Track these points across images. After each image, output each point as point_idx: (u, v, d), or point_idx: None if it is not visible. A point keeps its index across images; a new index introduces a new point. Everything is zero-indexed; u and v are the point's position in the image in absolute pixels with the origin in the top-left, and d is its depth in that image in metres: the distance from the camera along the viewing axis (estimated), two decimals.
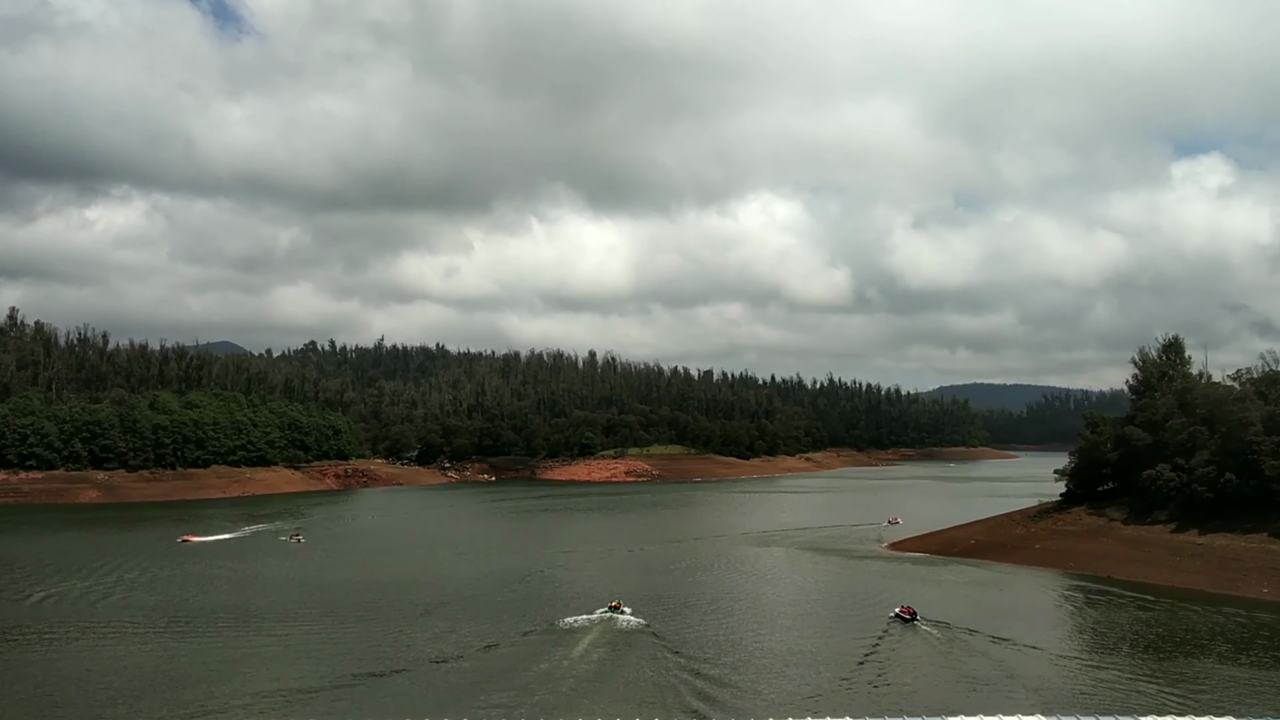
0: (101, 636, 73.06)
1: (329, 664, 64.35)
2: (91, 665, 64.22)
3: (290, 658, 66.57)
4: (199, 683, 59.04)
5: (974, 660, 65.93)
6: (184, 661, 65.08)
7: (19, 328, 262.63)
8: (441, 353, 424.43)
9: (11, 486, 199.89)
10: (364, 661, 65.19)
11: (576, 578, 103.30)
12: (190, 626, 76.14)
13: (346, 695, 57.11)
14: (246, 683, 59.08)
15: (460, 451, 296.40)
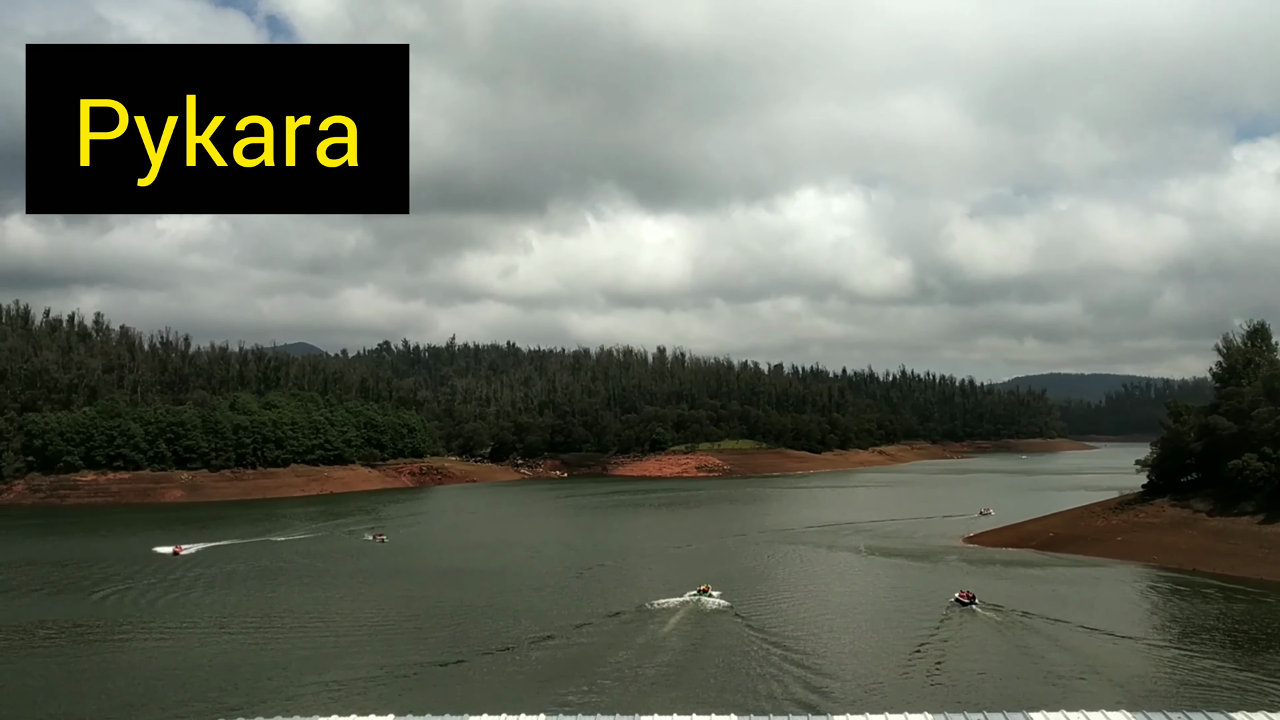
0: (188, 633, 75.33)
1: (430, 649, 66.46)
2: (174, 661, 66.26)
3: (386, 646, 68.21)
4: (284, 672, 60.68)
5: (1042, 646, 65.50)
6: (274, 657, 66.88)
7: (104, 332, 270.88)
8: (512, 350, 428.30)
9: (101, 487, 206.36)
10: (466, 644, 67.96)
11: (655, 568, 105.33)
12: (279, 623, 78.14)
13: (454, 673, 59.78)
14: (336, 671, 60.57)
15: (532, 448, 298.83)
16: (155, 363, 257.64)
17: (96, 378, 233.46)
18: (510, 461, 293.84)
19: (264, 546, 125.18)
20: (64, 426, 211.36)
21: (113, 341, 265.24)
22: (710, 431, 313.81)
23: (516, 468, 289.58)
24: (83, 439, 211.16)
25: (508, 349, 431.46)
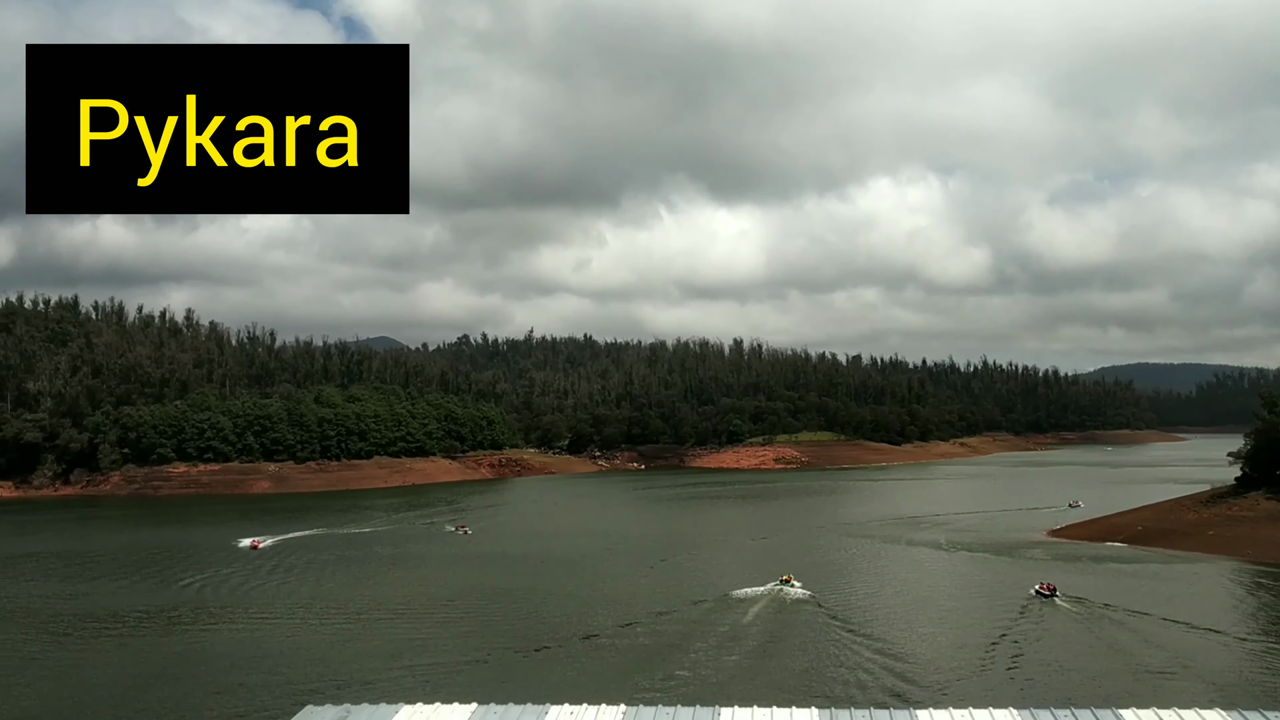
0: (273, 621, 77.30)
1: (510, 638, 67.52)
2: (258, 648, 68.04)
3: (466, 635, 69.36)
4: (366, 659, 62.00)
5: (1129, 640, 64.20)
6: (356, 646, 68.36)
7: (194, 328, 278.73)
8: (589, 343, 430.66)
9: (192, 478, 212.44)
10: (546, 633, 69.14)
11: (735, 559, 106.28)
12: (362, 612, 79.80)
13: (534, 662, 60.73)
14: (417, 659, 61.73)
15: (610, 440, 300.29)
16: (243, 357, 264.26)
17: (187, 372, 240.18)
18: (588, 454, 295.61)
19: (348, 537, 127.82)
20: (157, 420, 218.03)
21: (202, 337, 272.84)
22: (788, 423, 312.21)
23: (594, 460, 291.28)
24: (174, 432, 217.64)
25: (584, 341, 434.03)
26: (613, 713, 16.67)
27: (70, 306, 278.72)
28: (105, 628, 74.81)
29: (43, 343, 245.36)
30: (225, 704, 54.15)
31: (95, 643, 70.36)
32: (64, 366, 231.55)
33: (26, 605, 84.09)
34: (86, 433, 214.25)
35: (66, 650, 68.30)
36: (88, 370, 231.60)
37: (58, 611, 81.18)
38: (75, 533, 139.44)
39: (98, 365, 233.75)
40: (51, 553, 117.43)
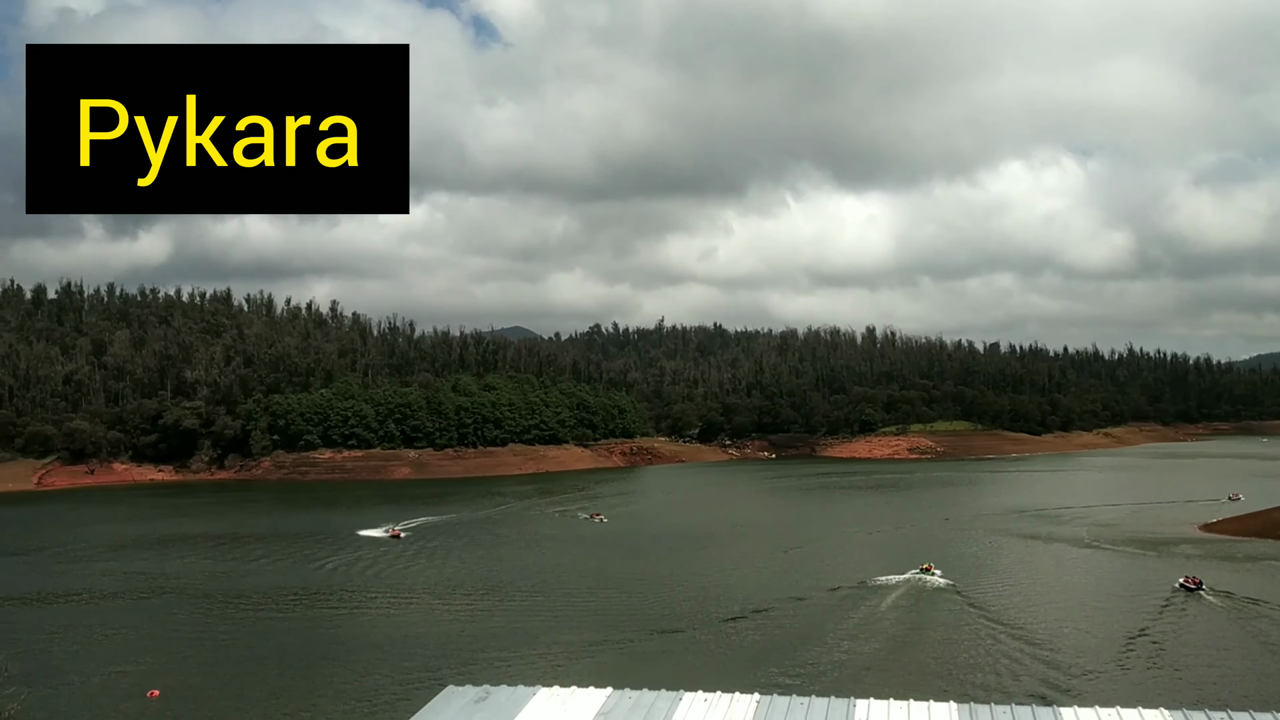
0: (410, 603, 79.93)
1: (643, 624, 68.69)
2: (396, 629, 70.44)
3: (600, 621, 70.56)
4: (500, 642, 63.62)
5: (1276, 635, 61.29)
6: (491, 629, 70.23)
7: (339, 319, 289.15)
8: (719, 331, 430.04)
9: (337, 464, 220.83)
10: (681, 619, 70.28)
11: (870, 547, 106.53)
12: (497, 596, 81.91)
13: (668, 648, 61.95)
14: (551, 643, 63.10)
15: (740, 429, 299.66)
16: (384, 347, 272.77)
17: (332, 361, 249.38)
18: (718, 442, 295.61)
19: (484, 522, 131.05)
20: (304, 407, 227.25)
21: (346, 327, 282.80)
22: (922, 413, 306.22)
23: (724, 448, 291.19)
24: (320, 419, 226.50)
25: (714, 330, 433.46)
26: (746, 702, 16.67)
27: (224, 299, 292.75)
28: (254, 607, 78.67)
29: (199, 334, 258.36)
30: (368, 682, 56.41)
31: (245, 620, 74.09)
32: (219, 356, 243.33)
33: (184, 584, 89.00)
34: (239, 420, 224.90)
35: (220, 627, 72.13)
36: (240, 360, 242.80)
37: (211, 590, 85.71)
38: (228, 516, 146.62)
39: (249, 355, 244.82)
40: (206, 534, 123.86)
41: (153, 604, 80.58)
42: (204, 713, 51.36)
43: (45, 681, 49.47)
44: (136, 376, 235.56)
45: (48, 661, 57.99)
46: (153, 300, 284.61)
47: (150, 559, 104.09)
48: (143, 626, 72.09)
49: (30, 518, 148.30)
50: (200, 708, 52.04)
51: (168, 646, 65.37)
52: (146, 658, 62.38)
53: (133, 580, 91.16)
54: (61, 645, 65.57)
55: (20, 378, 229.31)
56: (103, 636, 69.30)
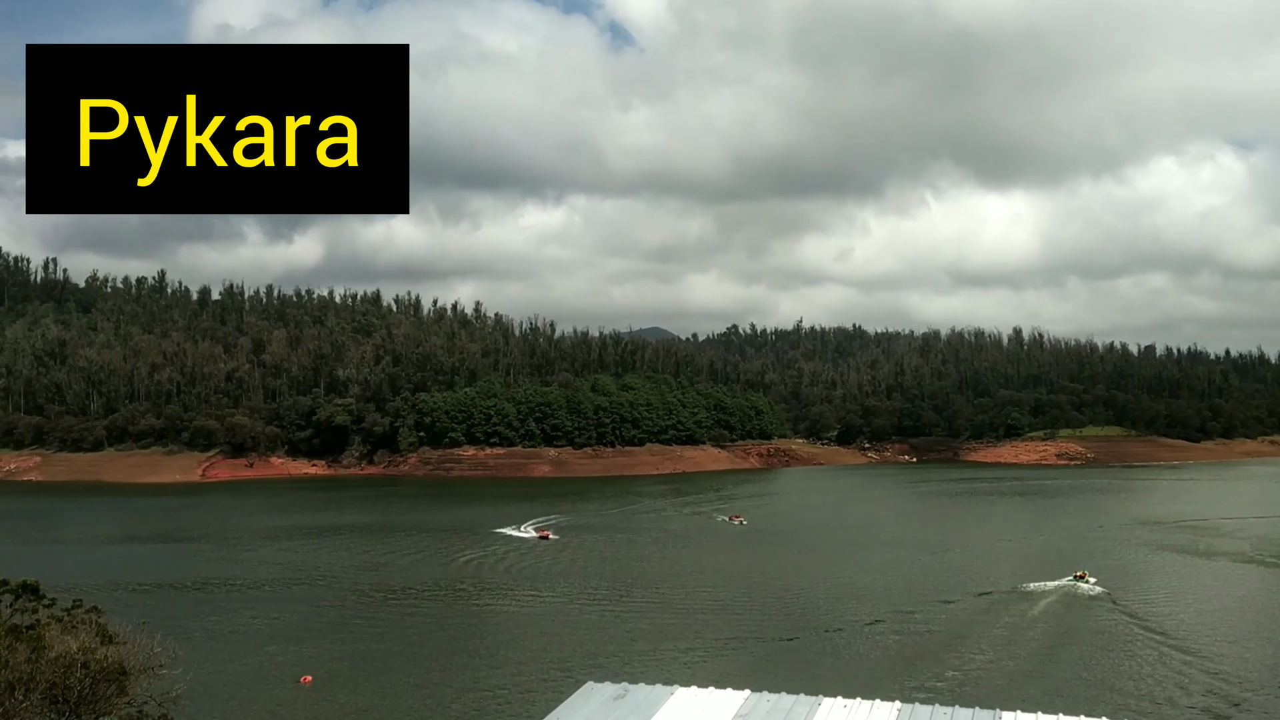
0: (546, 599, 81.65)
1: (780, 626, 68.74)
2: (531, 625, 72.07)
3: (736, 622, 70.93)
4: (633, 641, 64.57)
5: None
6: (625, 627, 71.26)
7: (482, 319, 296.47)
8: (859, 333, 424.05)
9: (480, 461, 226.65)
10: (820, 621, 70.62)
11: (1018, 554, 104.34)
12: (633, 594, 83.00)
13: (807, 650, 61.98)
14: (685, 642, 63.69)
15: (880, 432, 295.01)
16: (525, 347, 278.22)
17: (476, 361, 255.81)
18: (857, 445, 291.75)
19: (623, 522, 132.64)
20: (449, 405, 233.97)
21: (489, 328, 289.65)
22: (1071, 417, 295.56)
23: (863, 451, 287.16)
24: (464, 417, 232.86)
25: (853, 331, 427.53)
26: (887, 710, 16.64)
27: (373, 300, 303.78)
28: (399, 598, 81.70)
29: (351, 334, 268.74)
30: (506, 676, 58.07)
31: (390, 611, 77.02)
32: (369, 355, 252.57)
33: (333, 575, 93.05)
34: (388, 417, 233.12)
35: (366, 617, 75.20)
36: (389, 359, 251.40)
37: (359, 581, 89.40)
38: (376, 510, 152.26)
39: (398, 354, 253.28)
40: (355, 527, 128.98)
41: (304, 593, 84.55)
42: (352, 700, 53.71)
43: (207, 664, 52.46)
44: (292, 374, 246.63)
45: (209, 645, 61.46)
46: (308, 301, 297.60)
47: (302, 550, 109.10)
48: (294, 614, 75.69)
49: (195, 507, 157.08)
50: (348, 695, 54.46)
51: (317, 634, 68.54)
52: (298, 644, 65.55)
53: (286, 570, 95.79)
54: (221, 629, 69.42)
55: (187, 375, 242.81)
56: (258, 622, 73.10)
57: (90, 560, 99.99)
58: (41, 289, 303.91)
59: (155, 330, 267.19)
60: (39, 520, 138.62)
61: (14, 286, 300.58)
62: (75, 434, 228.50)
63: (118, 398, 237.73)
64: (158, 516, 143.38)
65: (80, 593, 29.00)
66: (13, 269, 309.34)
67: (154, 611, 56.96)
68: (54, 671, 23.04)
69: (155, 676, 25.48)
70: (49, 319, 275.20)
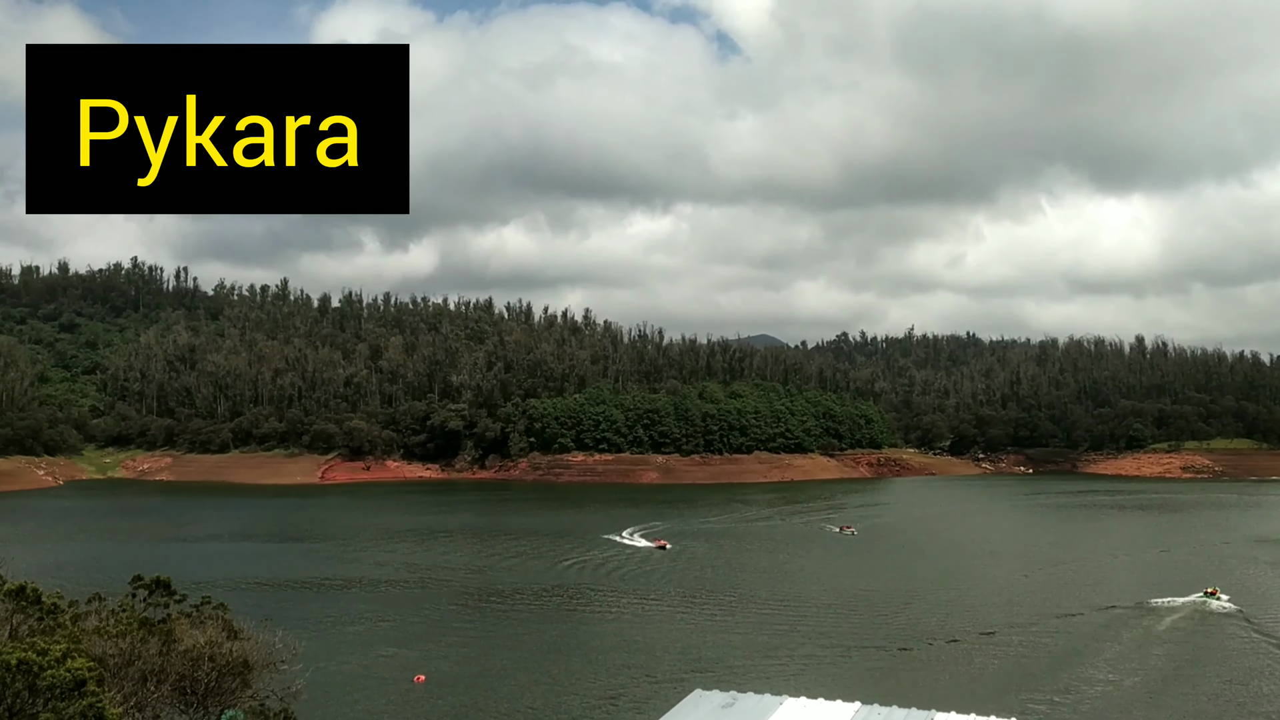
0: (653, 607, 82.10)
1: (892, 638, 68.17)
2: (637, 632, 72.54)
3: (846, 633, 70.26)
4: (741, 651, 64.56)
5: None
6: (733, 637, 71.30)
7: (591, 326, 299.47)
8: (972, 340, 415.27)
9: (588, 466, 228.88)
10: (939, 629, 70.41)
11: (1145, 569, 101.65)
12: (741, 605, 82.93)
13: (924, 659, 61.89)
14: (795, 653, 63.47)
15: (994, 442, 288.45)
16: (634, 354, 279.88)
17: (585, 368, 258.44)
18: (970, 455, 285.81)
19: (731, 530, 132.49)
20: (558, 411, 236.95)
21: (598, 335, 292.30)
22: (1198, 429, 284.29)
23: (977, 462, 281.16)
24: (574, 423, 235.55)
25: (967, 339, 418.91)
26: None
27: (486, 308, 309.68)
28: (508, 601, 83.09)
29: (464, 340, 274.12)
30: (614, 681, 58.66)
31: (499, 614, 78.40)
32: (481, 362, 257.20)
33: (445, 577, 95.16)
34: (499, 422, 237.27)
35: (477, 619, 76.73)
36: (501, 365, 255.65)
37: (469, 584, 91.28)
38: (487, 513, 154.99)
39: (509, 361, 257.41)
40: (467, 529, 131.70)
41: (416, 594, 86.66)
42: (462, 700, 54.93)
43: (324, 660, 54.23)
44: (408, 380, 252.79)
45: (327, 642, 63.46)
46: (423, 308, 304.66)
47: (415, 551, 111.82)
48: (407, 614, 77.67)
49: (314, 509, 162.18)
50: (459, 696, 55.70)
51: (429, 635, 70.25)
52: (410, 644, 67.29)
53: (400, 571, 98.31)
54: (337, 627, 71.68)
55: (308, 380, 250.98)
56: (372, 621, 75.27)
57: (216, 558, 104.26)
58: (173, 297, 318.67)
59: (278, 336, 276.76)
60: (170, 519, 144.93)
61: (148, 294, 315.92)
62: (203, 436, 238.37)
63: (243, 401, 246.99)
64: (279, 517, 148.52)
65: (206, 589, 30.44)
66: (147, 277, 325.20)
67: (274, 608, 59.09)
68: (183, 664, 24.33)
69: (277, 671, 26.66)
70: (180, 325, 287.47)
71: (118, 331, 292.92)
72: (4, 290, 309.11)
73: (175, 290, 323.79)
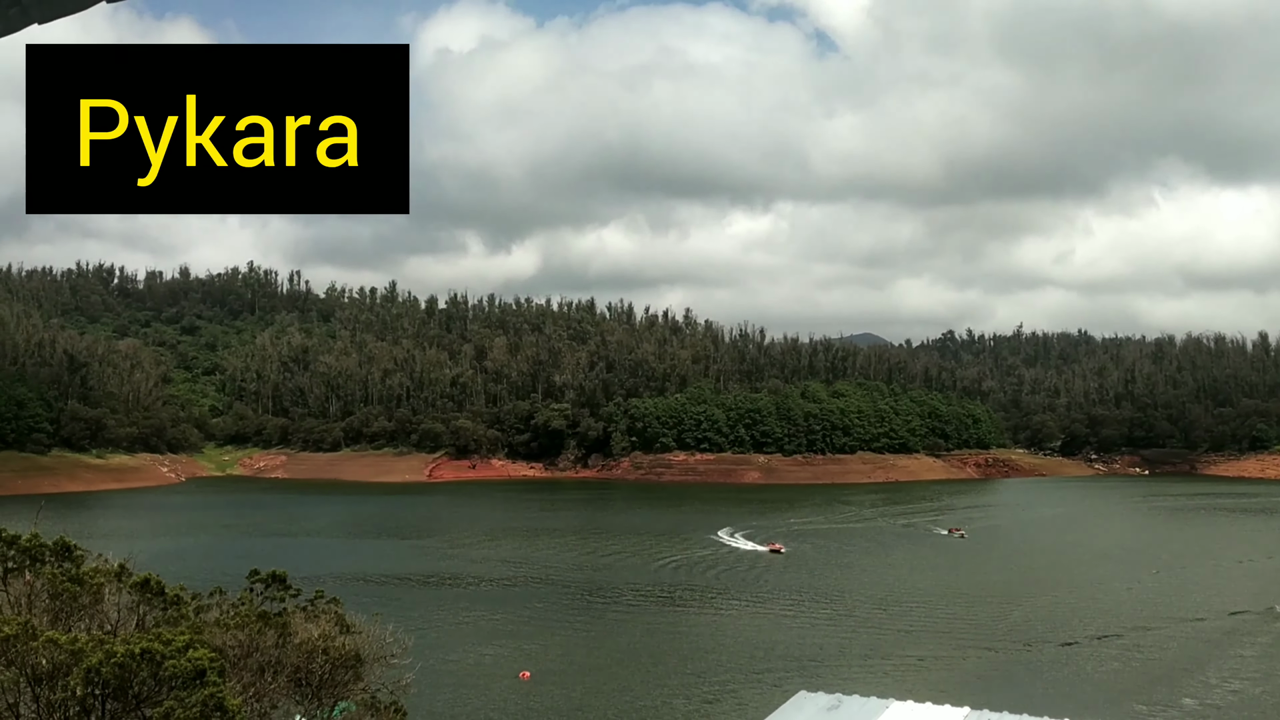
0: (760, 607, 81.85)
1: (1007, 638, 67.09)
2: (742, 632, 72.36)
3: (954, 638, 69.21)
4: (845, 654, 63.98)
5: None
6: (838, 639, 70.72)
7: (692, 326, 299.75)
8: (1084, 338, 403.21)
9: (690, 466, 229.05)
10: (1050, 632, 69.30)
11: (1270, 574, 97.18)
12: (846, 606, 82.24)
13: (1033, 664, 60.42)
14: (900, 657, 62.71)
15: (1108, 443, 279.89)
16: (735, 353, 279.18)
17: (686, 367, 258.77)
18: (1082, 456, 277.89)
19: (835, 531, 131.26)
20: (660, 411, 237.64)
21: (699, 334, 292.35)
22: None
23: (1089, 463, 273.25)
24: (675, 422, 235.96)
25: (1078, 337, 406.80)
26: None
27: (588, 308, 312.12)
28: (609, 600, 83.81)
29: (566, 341, 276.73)
30: (715, 682, 58.70)
31: (601, 612, 79.14)
32: (583, 361, 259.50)
33: (548, 574, 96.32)
34: (601, 421, 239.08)
35: (579, 617, 77.55)
36: (603, 365, 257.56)
37: (571, 581, 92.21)
38: (589, 512, 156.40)
39: (611, 360, 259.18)
40: (570, 528, 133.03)
41: (520, 591, 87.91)
42: (567, 697, 55.50)
43: (432, 655, 55.38)
44: (512, 380, 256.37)
45: (434, 636, 64.77)
46: (526, 309, 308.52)
47: (519, 549, 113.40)
48: (511, 611, 78.82)
49: (422, 506, 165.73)
50: (563, 693, 56.31)
51: (533, 632, 71.20)
52: (515, 640, 68.29)
53: (504, 567, 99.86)
54: (444, 622, 73.12)
55: (415, 380, 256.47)
56: (477, 616, 76.65)
57: (327, 553, 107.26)
58: (287, 299, 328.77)
59: (387, 338, 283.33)
60: (283, 515, 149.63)
61: (264, 297, 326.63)
62: (316, 435, 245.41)
63: (353, 401, 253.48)
64: (387, 514, 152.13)
65: (318, 583, 31.41)
66: (263, 281, 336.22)
67: (383, 603, 60.67)
68: (298, 656, 25.15)
69: (387, 665, 27.36)
70: (294, 328, 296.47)
71: (235, 333, 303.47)
72: (131, 294, 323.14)
73: (289, 293, 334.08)
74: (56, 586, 23.35)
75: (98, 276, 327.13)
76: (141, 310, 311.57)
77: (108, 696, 19.97)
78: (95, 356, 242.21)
